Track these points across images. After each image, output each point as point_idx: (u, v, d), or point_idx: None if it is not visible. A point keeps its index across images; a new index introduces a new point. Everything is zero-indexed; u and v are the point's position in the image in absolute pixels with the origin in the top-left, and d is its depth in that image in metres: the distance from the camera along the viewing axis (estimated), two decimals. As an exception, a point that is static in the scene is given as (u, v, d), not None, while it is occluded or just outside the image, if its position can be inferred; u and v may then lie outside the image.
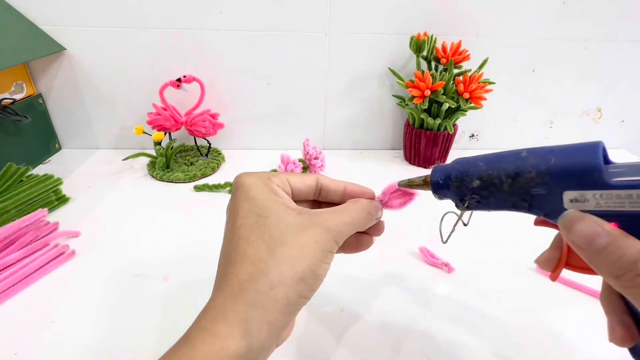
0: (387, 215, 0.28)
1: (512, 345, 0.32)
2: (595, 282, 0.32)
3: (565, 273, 0.22)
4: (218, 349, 0.18)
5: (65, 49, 0.59)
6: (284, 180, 0.24)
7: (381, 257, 0.42)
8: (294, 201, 0.25)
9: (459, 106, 0.59)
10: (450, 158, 0.67)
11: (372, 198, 0.27)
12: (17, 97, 0.57)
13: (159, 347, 0.31)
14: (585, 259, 0.18)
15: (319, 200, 0.28)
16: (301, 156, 0.59)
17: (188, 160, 0.62)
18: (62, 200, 0.50)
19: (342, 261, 0.29)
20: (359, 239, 0.28)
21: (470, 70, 0.59)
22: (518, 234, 0.45)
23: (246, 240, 0.21)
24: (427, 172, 0.27)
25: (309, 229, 0.22)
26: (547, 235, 0.23)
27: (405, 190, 0.27)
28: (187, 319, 0.21)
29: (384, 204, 0.27)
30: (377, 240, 0.29)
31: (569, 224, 0.18)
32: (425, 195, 0.29)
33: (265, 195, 0.22)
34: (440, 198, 0.25)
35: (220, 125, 0.63)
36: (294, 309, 0.21)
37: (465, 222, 0.25)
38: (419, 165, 0.66)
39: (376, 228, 0.28)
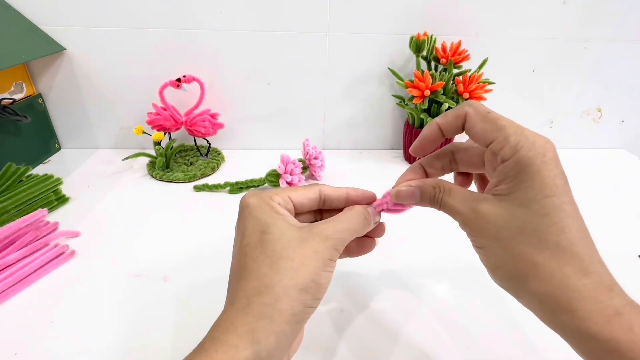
0: (389, 215, 0.28)
1: (513, 345, 0.33)
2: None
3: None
4: (229, 356, 0.19)
5: (65, 49, 0.59)
6: (285, 197, 0.26)
7: (381, 257, 0.42)
8: (299, 214, 0.27)
9: (459, 106, 0.59)
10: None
11: (374, 200, 0.28)
12: (17, 97, 0.57)
13: (158, 347, 0.32)
14: (418, 205, 0.26)
15: (324, 208, 0.28)
16: (301, 156, 0.59)
17: (188, 160, 0.62)
18: (62, 200, 0.50)
19: (341, 261, 0.29)
20: (361, 243, 0.28)
21: (470, 70, 0.59)
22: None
23: (251, 257, 0.22)
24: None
25: (309, 240, 0.23)
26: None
27: None
28: (187, 319, 0.21)
29: (386, 208, 0.27)
30: (377, 240, 0.29)
31: (397, 196, 0.26)
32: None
33: (267, 214, 0.24)
34: None
35: (220, 125, 0.63)
36: (300, 319, 0.21)
37: None
38: (418, 165, 0.66)
39: (377, 230, 0.29)
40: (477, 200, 0.22)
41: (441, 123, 0.24)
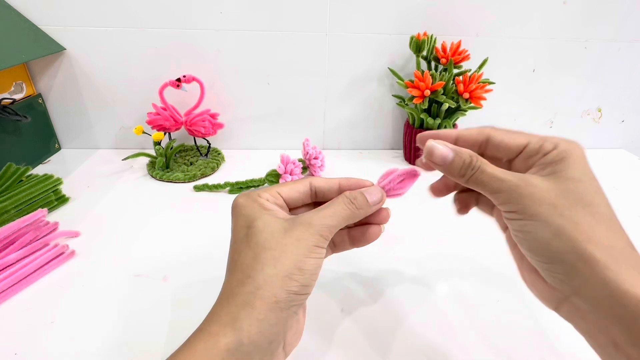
0: (391, 202, 0.28)
1: (512, 345, 0.33)
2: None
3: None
4: (211, 344, 0.20)
5: (65, 49, 0.59)
6: (274, 193, 0.26)
7: (381, 256, 0.42)
8: (292, 208, 0.27)
9: (459, 106, 0.59)
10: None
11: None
12: (17, 97, 0.57)
13: (158, 347, 0.31)
14: (443, 172, 0.24)
15: (318, 201, 0.28)
16: (301, 156, 0.59)
17: (188, 160, 0.62)
18: (61, 200, 0.50)
19: (341, 261, 0.29)
20: (365, 230, 0.28)
21: (470, 70, 0.59)
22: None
23: (238, 252, 0.23)
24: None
25: (292, 230, 0.23)
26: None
27: (405, 173, 0.27)
28: (186, 319, 0.21)
29: (386, 190, 0.27)
30: (377, 240, 0.29)
31: (429, 151, 0.24)
32: (424, 197, 0.29)
33: (255, 210, 0.24)
34: None
35: (220, 125, 0.63)
36: (284, 306, 0.22)
37: None
38: (418, 165, 0.66)
39: (380, 216, 0.28)
40: (521, 173, 0.22)
41: (461, 132, 0.25)
